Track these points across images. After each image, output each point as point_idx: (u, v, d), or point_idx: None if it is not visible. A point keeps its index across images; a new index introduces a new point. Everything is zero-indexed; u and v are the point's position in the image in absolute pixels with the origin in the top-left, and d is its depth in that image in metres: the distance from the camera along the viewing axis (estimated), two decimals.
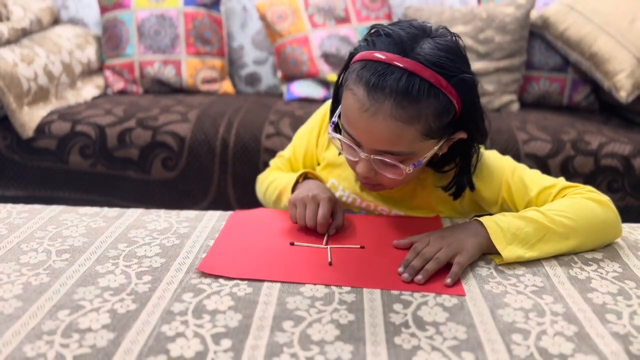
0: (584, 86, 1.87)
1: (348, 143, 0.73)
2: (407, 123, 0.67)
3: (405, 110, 0.66)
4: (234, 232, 0.77)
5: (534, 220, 0.71)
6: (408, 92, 0.65)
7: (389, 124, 0.67)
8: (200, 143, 1.49)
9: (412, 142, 0.69)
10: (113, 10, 1.99)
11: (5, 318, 0.55)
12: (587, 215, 0.73)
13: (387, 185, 0.78)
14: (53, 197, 1.56)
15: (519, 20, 1.80)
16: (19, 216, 0.81)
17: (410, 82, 0.65)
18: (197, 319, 0.56)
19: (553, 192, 0.78)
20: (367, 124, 0.68)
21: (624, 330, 0.56)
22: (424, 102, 0.66)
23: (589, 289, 0.64)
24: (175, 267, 0.67)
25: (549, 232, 0.70)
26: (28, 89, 1.55)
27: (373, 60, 0.68)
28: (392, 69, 0.66)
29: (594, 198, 0.75)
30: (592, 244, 0.74)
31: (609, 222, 0.75)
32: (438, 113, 0.68)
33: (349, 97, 0.70)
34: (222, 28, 2.06)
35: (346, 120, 0.72)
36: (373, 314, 0.58)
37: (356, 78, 0.69)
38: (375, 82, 0.66)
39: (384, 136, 0.68)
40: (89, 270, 0.65)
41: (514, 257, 0.69)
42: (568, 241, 0.71)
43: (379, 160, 0.71)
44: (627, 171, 1.43)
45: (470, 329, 0.55)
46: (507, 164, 0.83)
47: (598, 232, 0.74)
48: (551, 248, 0.71)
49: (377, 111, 0.66)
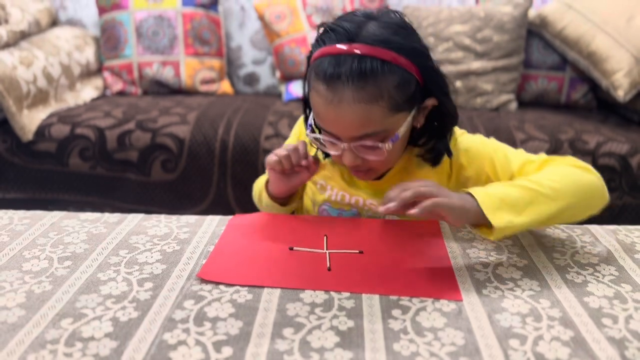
0: (582, 84, 1.88)
1: (327, 139, 0.76)
2: (371, 102, 0.70)
3: (366, 91, 0.69)
4: (234, 238, 0.78)
5: (521, 186, 0.70)
6: (363, 73, 0.69)
7: (354, 109, 0.70)
8: (200, 145, 1.50)
9: (382, 120, 0.72)
10: (111, 11, 2.00)
11: (9, 327, 0.56)
12: (573, 178, 0.73)
13: (377, 168, 0.81)
14: (53, 199, 1.57)
15: (516, 19, 1.80)
16: (21, 222, 0.82)
17: (363, 64, 0.68)
18: (198, 327, 0.56)
19: (535, 165, 0.78)
20: (335, 115, 0.72)
21: (619, 335, 0.56)
22: (381, 79, 0.69)
23: (585, 293, 0.65)
24: (176, 273, 0.67)
25: (537, 195, 0.69)
26: (27, 91, 1.55)
27: (325, 56, 0.71)
28: (344, 57, 0.69)
29: (577, 165, 0.76)
30: (581, 207, 0.73)
31: (594, 185, 0.74)
32: (399, 86, 0.71)
33: (314, 96, 0.74)
34: (220, 28, 2.06)
35: (318, 118, 0.76)
36: (372, 320, 0.58)
37: (315, 77, 0.72)
38: (331, 73, 0.70)
39: (355, 121, 0.71)
40: (91, 278, 0.66)
41: (503, 223, 0.66)
42: (557, 202, 0.69)
43: (359, 146, 0.74)
44: (624, 170, 1.44)
45: (468, 335, 0.56)
46: (491, 142, 0.84)
47: (585, 193, 0.73)
48: (541, 211, 0.69)
49: (340, 100, 0.70)
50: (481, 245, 0.77)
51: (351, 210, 0.91)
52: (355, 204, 0.89)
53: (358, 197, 0.89)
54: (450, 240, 0.78)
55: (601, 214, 1.51)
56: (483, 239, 0.79)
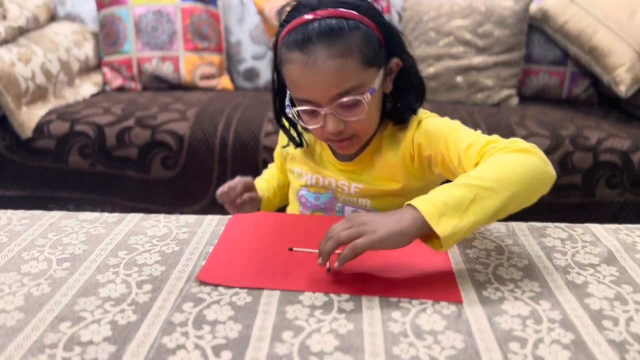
0: (583, 79, 1.87)
1: (309, 109, 0.78)
2: (344, 56, 0.74)
3: (337, 46, 0.73)
4: (233, 238, 0.78)
5: (461, 184, 0.67)
6: (331, 31, 0.74)
7: (330, 65, 0.73)
8: (199, 142, 1.49)
9: (357, 73, 0.76)
10: (110, 7, 1.99)
11: (7, 331, 0.56)
12: (514, 165, 0.69)
13: (360, 134, 0.82)
14: (53, 197, 1.57)
15: (517, 14, 1.79)
16: (20, 223, 0.82)
17: (328, 24, 0.74)
18: (197, 330, 0.56)
19: (476, 148, 0.75)
20: (313, 75, 0.75)
21: (620, 338, 0.56)
22: (348, 35, 0.74)
23: (586, 294, 0.65)
24: (175, 275, 0.67)
25: (479, 190, 0.65)
26: (26, 88, 1.55)
27: (293, 29, 0.76)
28: (310, 24, 0.74)
29: (518, 148, 0.72)
30: (527, 193, 0.70)
31: (536, 167, 0.71)
32: (365, 41, 0.76)
33: (289, 68, 0.77)
34: (219, 23, 2.05)
35: (296, 88, 0.78)
36: (372, 322, 0.58)
37: (286, 50, 0.76)
38: (302, 37, 0.74)
39: (332, 77, 0.74)
40: (90, 280, 0.66)
41: (449, 229, 0.62)
42: (501, 194, 0.66)
43: (340, 108, 0.77)
44: (626, 167, 1.43)
45: (468, 338, 0.56)
46: (449, 123, 0.83)
47: (528, 178, 0.69)
48: (486, 206, 0.65)
49: (315, 60, 0.74)
50: (481, 245, 0.77)
51: (327, 193, 0.92)
52: (329, 185, 0.91)
53: (330, 179, 0.91)
54: None
55: (602, 211, 1.51)
56: (483, 238, 0.79)
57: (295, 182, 0.96)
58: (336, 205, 0.92)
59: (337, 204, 0.92)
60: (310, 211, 0.95)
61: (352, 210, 0.91)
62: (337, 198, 0.92)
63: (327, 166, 0.91)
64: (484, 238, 0.79)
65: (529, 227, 0.83)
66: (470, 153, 0.75)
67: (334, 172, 0.90)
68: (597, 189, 1.46)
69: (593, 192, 1.46)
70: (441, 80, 1.82)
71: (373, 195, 0.88)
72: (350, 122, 0.78)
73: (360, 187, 0.88)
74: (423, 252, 0.74)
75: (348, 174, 0.89)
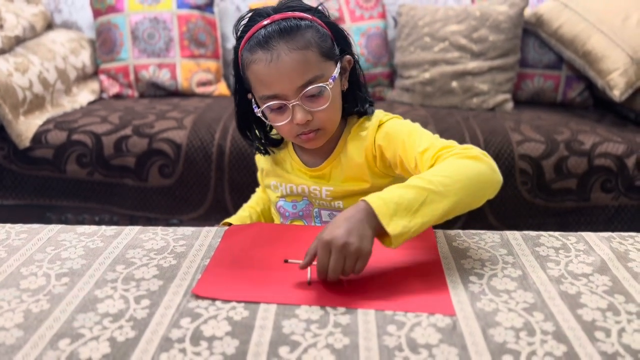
0: (578, 83, 1.88)
1: (276, 104, 0.83)
2: (304, 49, 0.81)
3: (296, 41, 0.80)
4: (229, 251, 0.78)
5: (413, 186, 0.71)
6: (289, 28, 0.81)
7: (293, 57, 0.80)
8: (197, 150, 1.50)
9: (317, 64, 0.82)
10: (106, 14, 1.99)
11: (7, 349, 0.56)
12: (464, 171, 0.74)
13: (325, 127, 0.86)
14: (51, 205, 1.57)
15: (512, 18, 1.80)
16: (18, 237, 0.82)
17: (286, 22, 0.81)
18: (194, 346, 0.57)
19: (431, 153, 0.80)
20: (277, 69, 0.80)
21: (612, 350, 0.57)
22: (304, 32, 0.81)
23: (579, 305, 0.65)
24: (173, 290, 0.68)
25: (429, 194, 0.70)
26: (23, 98, 1.55)
27: (251, 36, 0.82)
28: (268, 26, 0.81)
29: (467, 155, 0.76)
30: (473, 198, 0.75)
31: (484, 175, 0.76)
32: (320, 37, 0.83)
33: (254, 67, 0.82)
34: (216, 30, 2.06)
35: (263, 86, 0.83)
36: (367, 336, 0.59)
37: (249, 54, 0.82)
38: (263, 36, 0.80)
39: (296, 68, 0.80)
40: (88, 296, 0.66)
41: (399, 229, 0.67)
42: (449, 198, 0.71)
43: (306, 99, 0.82)
44: (620, 171, 1.44)
45: (462, 352, 0.56)
46: (408, 126, 0.88)
47: (475, 185, 0.75)
48: (434, 210, 0.70)
49: (278, 54, 0.80)
50: (476, 255, 0.77)
51: (303, 200, 0.96)
52: (302, 192, 0.95)
53: (303, 186, 0.94)
54: (445, 251, 0.78)
55: (597, 215, 1.52)
56: (478, 248, 0.79)
57: (273, 195, 1.00)
58: (313, 211, 0.96)
59: (314, 209, 0.96)
60: (289, 220, 0.98)
61: (328, 214, 0.94)
62: (312, 204, 0.95)
63: (297, 174, 0.95)
64: (478, 248, 0.79)
65: (523, 236, 0.84)
66: (425, 157, 0.81)
67: (304, 179, 0.94)
68: (592, 193, 1.47)
69: (588, 196, 1.47)
70: (436, 86, 1.83)
71: (344, 196, 0.92)
72: (316, 112, 0.83)
73: (330, 189, 0.92)
74: (417, 264, 0.75)
75: (317, 179, 0.93)
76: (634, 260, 0.77)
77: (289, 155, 0.96)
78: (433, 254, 0.77)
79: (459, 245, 0.80)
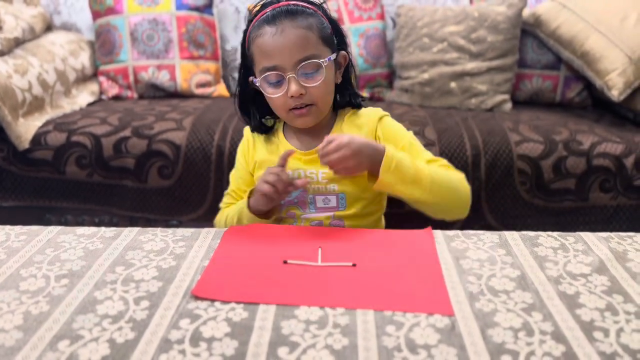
0: (577, 83, 1.89)
1: (274, 75, 0.90)
2: (306, 29, 0.89)
3: (300, 22, 0.89)
4: (229, 251, 0.78)
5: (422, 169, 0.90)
6: (295, 10, 0.90)
7: (296, 32, 0.88)
8: (196, 151, 1.50)
9: (316, 45, 0.91)
10: (105, 16, 1.99)
11: (6, 351, 0.56)
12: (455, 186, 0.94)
13: (318, 101, 0.92)
14: (51, 207, 1.57)
15: (511, 19, 1.80)
16: (17, 239, 0.82)
17: (292, 6, 0.90)
18: (194, 347, 0.57)
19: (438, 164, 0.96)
20: (281, 42, 0.88)
21: (610, 350, 0.57)
22: (307, 16, 0.90)
23: (578, 305, 0.66)
24: (172, 291, 0.68)
25: (422, 181, 0.89)
26: (23, 99, 1.55)
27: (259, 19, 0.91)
28: (276, 9, 0.90)
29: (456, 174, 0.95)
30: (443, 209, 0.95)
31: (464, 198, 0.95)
32: (321, 25, 0.92)
33: (259, 40, 0.90)
34: (215, 31, 2.06)
35: (265, 57, 0.90)
36: (366, 337, 0.59)
37: (256, 29, 0.90)
38: (271, 15, 0.89)
39: (297, 42, 0.88)
40: (88, 297, 0.67)
41: (385, 182, 0.87)
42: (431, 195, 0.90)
43: (302, 73, 0.89)
44: (619, 171, 1.45)
45: (461, 352, 0.57)
46: (406, 133, 1.00)
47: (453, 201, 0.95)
48: (413, 191, 0.89)
49: (283, 29, 0.88)
50: (474, 255, 0.78)
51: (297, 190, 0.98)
52: (299, 177, 0.96)
53: (299, 170, 0.97)
54: (444, 251, 0.79)
55: (596, 215, 1.52)
56: (477, 248, 0.80)
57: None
58: (308, 198, 0.98)
59: (309, 196, 0.98)
60: (284, 209, 0.99)
61: (322, 199, 0.97)
62: (307, 190, 0.98)
63: (291, 161, 0.96)
64: (477, 248, 0.80)
65: (522, 236, 0.84)
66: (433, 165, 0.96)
67: (299, 163, 0.97)
68: (591, 193, 1.47)
69: (587, 196, 1.47)
70: (435, 86, 1.83)
71: (339, 179, 0.96)
72: (310, 88, 0.90)
73: (326, 171, 0.95)
74: (416, 264, 0.75)
75: (312, 163, 0.96)
76: (633, 260, 0.77)
77: (279, 142, 1.01)
78: (432, 255, 0.77)
79: (458, 246, 0.80)
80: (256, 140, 1.03)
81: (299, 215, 0.99)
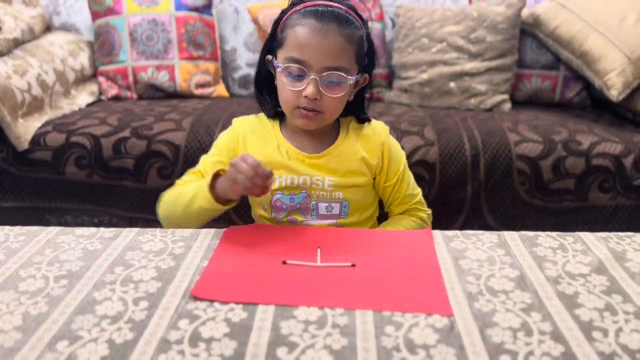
0: (576, 83, 1.89)
1: (298, 70, 0.88)
2: (348, 40, 0.87)
3: (346, 30, 0.87)
4: (228, 252, 0.78)
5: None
6: (345, 17, 0.88)
7: (337, 39, 0.86)
8: (195, 151, 1.50)
9: (350, 60, 0.89)
10: (105, 16, 1.99)
11: (5, 352, 0.56)
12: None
13: (327, 111, 0.91)
14: (51, 207, 1.57)
15: (510, 19, 1.81)
16: (17, 239, 0.82)
17: (344, 13, 0.89)
18: (193, 348, 0.57)
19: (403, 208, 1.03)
20: (319, 42, 0.86)
21: (609, 350, 0.57)
22: (353, 27, 0.89)
23: (577, 305, 0.66)
24: (171, 291, 0.68)
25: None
26: (22, 100, 1.55)
27: (308, 6, 0.89)
28: (326, 7, 0.88)
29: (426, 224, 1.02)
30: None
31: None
32: (360, 40, 0.90)
33: (299, 29, 0.87)
34: (214, 31, 2.06)
35: (298, 47, 0.87)
36: (365, 337, 0.59)
37: (300, 16, 0.88)
38: (322, 11, 0.87)
39: (335, 49, 0.87)
40: (87, 298, 0.67)
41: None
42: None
43: (326, 80, 0.88)
44: (618, 171, 1.45)
45: (460, 352, 0.57)
46: (404, 159, 1.03)
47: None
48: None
49: (327, 30, 0.86)
50: (473, 255, 0.78)
51: (301, 193, 0.96)
52: (304, 183, 0.96)
53: (305, 176, 0.95)
54: (443, 251, 0.79)
55: (595, 215, 1.53)
56: (475, 249, 0.80)
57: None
58: (310, 204, 0.97)
59: (312, 202, 0.96)
60: (286, 213, 0.98)
61: (325, 206, 0.96)
62: (310, 196, 0.96)
63: (296, 162, 0.96)
64: (476, 248, 0.80)
65: (521, 236, 0.84)
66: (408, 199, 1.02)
67: (306, 167, 0.96)
68: (590, 193, 1.47)
69: (586, 196, 1.47)
70: (434, 87, 1.83)
71: (345, 187, 0.96)
72: (326, 97, 0.89)
73: (334, 179, 0.95)
74: (415, 264, 0.75)
75: (319, 168, 0.96)
76: (631, 260, 0.77)
77: (278, 141, 0.98)
78: (431, 255, 0.77)
79: (457, 246, 0.80)
80: (247, 137, 1.00)
81: (300, 221, 0.97)
